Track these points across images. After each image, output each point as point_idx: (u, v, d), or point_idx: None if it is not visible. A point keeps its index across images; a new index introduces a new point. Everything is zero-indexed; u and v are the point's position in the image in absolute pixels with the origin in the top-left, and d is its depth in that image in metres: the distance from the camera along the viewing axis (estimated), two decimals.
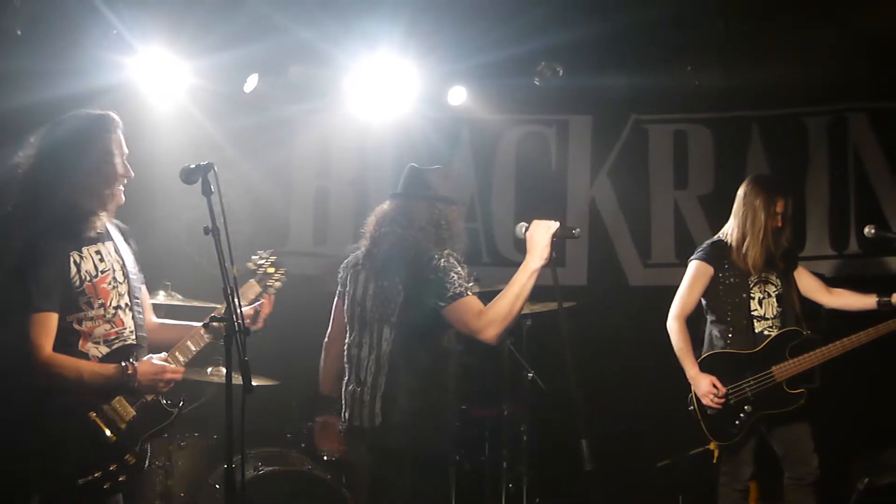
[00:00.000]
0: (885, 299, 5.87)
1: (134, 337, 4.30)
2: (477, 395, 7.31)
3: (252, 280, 4.69)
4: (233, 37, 6.86)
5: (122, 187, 4.27)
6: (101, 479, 4.05)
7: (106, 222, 4.31)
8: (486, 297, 4.66)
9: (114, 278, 4.24)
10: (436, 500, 4.97)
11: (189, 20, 6.77)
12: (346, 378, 4.92)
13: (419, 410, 4.68)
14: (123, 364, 4.13)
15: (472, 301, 4.58)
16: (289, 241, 8.34)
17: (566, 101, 8.37)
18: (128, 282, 4.32)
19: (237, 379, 3.78)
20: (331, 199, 8.41)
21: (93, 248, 4.21)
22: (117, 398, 4.13)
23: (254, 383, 3.78)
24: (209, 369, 6.19)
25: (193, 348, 4.37)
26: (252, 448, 6.12)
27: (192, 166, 3.93)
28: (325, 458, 6.13)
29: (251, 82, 7.38)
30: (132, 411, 4.16)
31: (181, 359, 4.33)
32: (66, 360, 4.05)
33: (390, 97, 7.66)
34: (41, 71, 6.45)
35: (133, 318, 4.32)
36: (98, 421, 4.06)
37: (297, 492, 5.98)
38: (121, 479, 4.11)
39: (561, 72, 7.75)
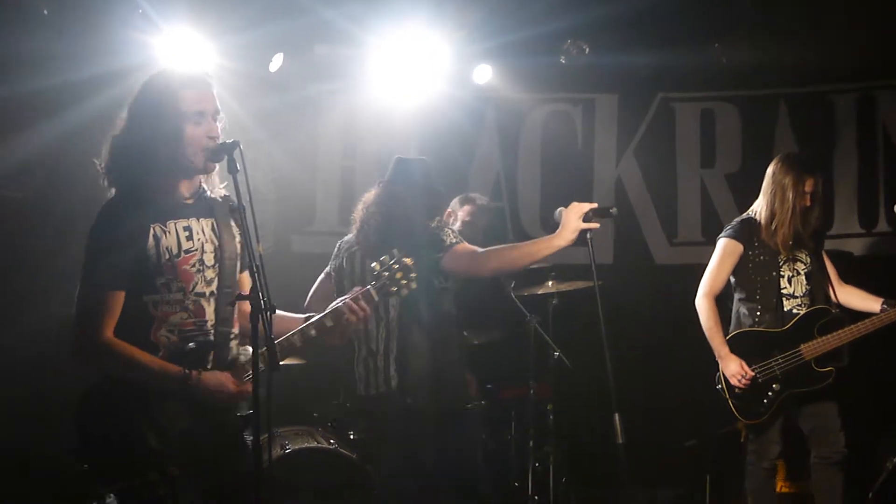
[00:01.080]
0: (889, 306, 5.79)
1: (214, 332, 3.86)
2: (503, 374, 7.31)
3: (370, 287, 4.09)
4: (257, 16, 6.86)
5: (213, 148, 3.79)
6: (139, 488, 3.65)
7: (208, 192, 3.93)
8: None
9: (200, 261, 3.83)
10: (462, 448, 5.08)
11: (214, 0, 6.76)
12: (356, 354, 5.14)
13: (430, 367, 4.97)
14: (187, 371, 3.71)
15: (466, 246, 4.88)
16: (315, 220, 8.34)
17: (592, 79, 8.34)
18: (220, 268, 3.88)
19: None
20: (356, 178, 8.38)
21: (181, 223, 3.81)
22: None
23: (280, 362, 3.74)
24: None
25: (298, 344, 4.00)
26: (279, 427, 6.11)
27: (218, 144, 3.84)
28: (352, 436, 6.18)
29: (276, 62, 7.36)
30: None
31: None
32: (126, 351, 3.70)
33: (415, 76, 7.65)
34: (68, 51, 6.46)
35: (218, 309, 3.87)
36: (145, 430, 3.70)
37: (323, 469, 5.97)
38: (160, 491, 3.66)
39: (587, 50, 7.72)
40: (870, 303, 5.90)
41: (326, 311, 4.04)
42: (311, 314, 4.11)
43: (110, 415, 3.73)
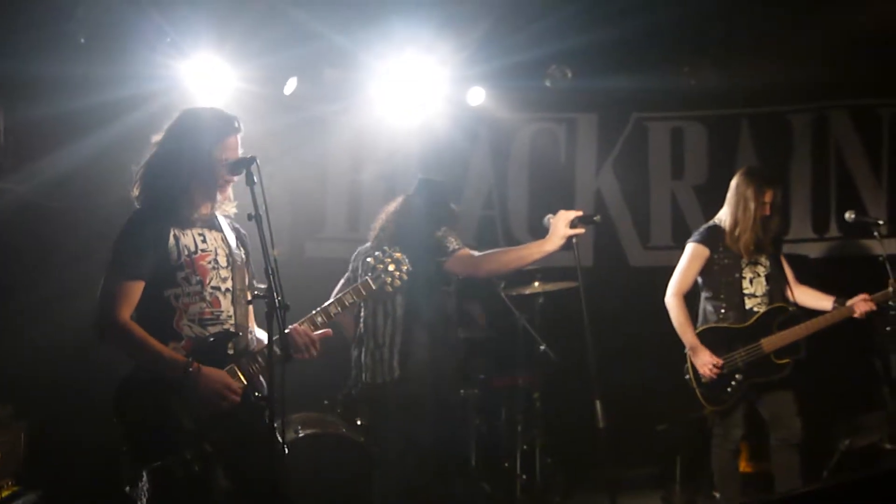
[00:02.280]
0: (839, 304, 5.80)
1: (233, 323, 3.98)
2: (494, 366, 7.32)
3: (367, 277, 4.32)
4: (273, 43, 6.86)
5: (229, 185, 4.06)
6: (175, 466, 3.72)
7: (218, 215, 4.11)
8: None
9: (215, 260, 3.98)
10: (456, 430, 5.13)
11: (235, 28, 6.75)
12: (365, 345, 5.21)
13: (431, 361, 5.03)
14: (191, 360, 3.79)
15: (467, 251, 4.97)
16: (326, 227, 8.32)
17: (574, 100, 8.35)
18: (233, 271, 4.03)
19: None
20: (363, 189, 8.38)
21: (196, 230, 3.98)
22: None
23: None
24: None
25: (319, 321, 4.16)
26: (292, 413, 6.10)
27: (237, 160, 3.90)
28: (360, 422, 6.17)
29: (290, 85, 7.35)
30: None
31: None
32: (137, 332, 3.79)
33: (415, 98, 7.63)
34: (101, 75, 6.45)
35: (234, 304, 4.00)
36: (177, 409, 3.77)
37: (333, 453, 5.95)
38: (196, 467, 3.75)
39: (569, 74, 7.73)
40: (822, 301, 5.91)
41: (330, 301, 4.24)
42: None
43: (146, 398, 3.79)
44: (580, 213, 4.54)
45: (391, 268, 4.29)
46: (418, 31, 7.08)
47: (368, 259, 4.31)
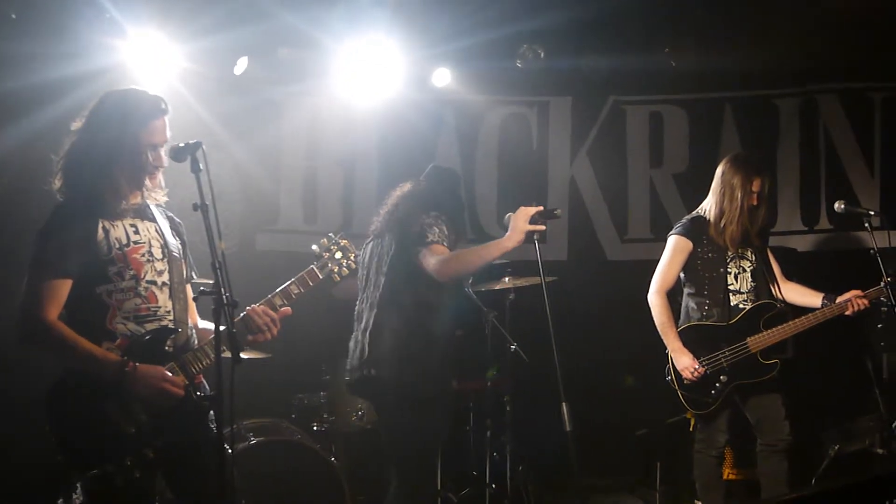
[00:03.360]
0: (829, 302, 5.81)
1: (172, 318, 3.95)
2: (461, 368, 7.27)
3: (313, 266, 4.29)
4: (223, 20, 6.77)
5: (158, 172, 4.02)
6: (113, 473, 3.69)
7: (150, 204, 4.06)
8: None
9: (149, 252, 3.94)
10: (424, 438, 5.09)
11: (180, 4, 6.70)
12: (354, 332, 5.27)
13: (403, 349, 5.00)
14: (125, 359, 3.73)
15: (441, 248, 4.96)
16: (279, 219, 8.25)
17: (547, 83, 8.35)
18: (169, 263, 3.99)
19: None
20: (319, 178, 8.33)
21: (127, 221, 3.93)
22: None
23: (243, 356, 3.71)
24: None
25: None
26: (243, 419, 6.06)
27: (182, 145, 3.82)
28: (315, 428, 6.15)
29: (241, 65, 7.28)
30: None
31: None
32: (66, 333, 3.73)
33: (376, 79, 7.57)
34: (36, 54, 6.38)
35: (172, 298, 3.97)
36: (114, 413, 3.73)
37: (286, 461, 5.94)
38: (137, 474, 3.73)
39: (542, 54, 7.71)
40: (811, 298, 5.91)
41: (276, 291, 4.18)
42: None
43: (81, 403, 3.73)
44: (540, 209, 4.65)
45: (338, 255, 4.31)
46: (379, 7, 7.03)
47: (314, 247, 4.34)
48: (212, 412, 3.90)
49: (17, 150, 6.41)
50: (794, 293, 6.01)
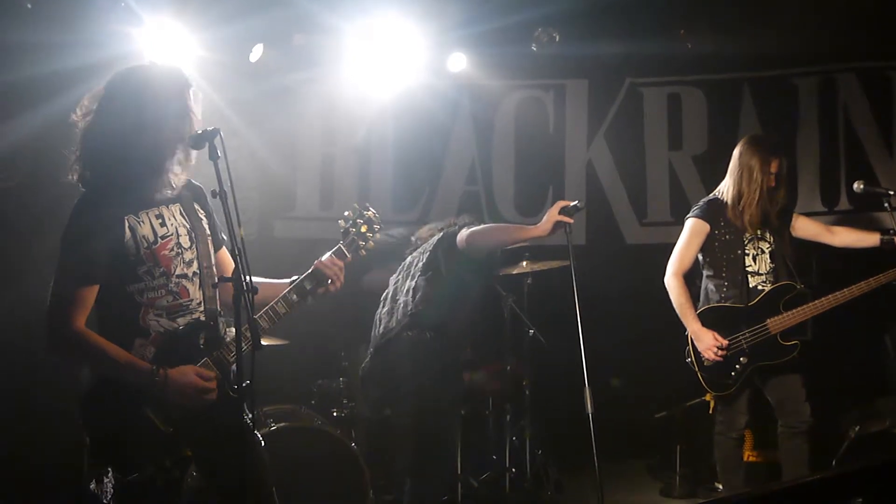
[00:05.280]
0: (888, 237, 5.77)
1: (203, 310, 3.89)
2: (480, 352, 7.30)
3: (341, 245, 4.26)
4: (238, 7, 6.81)
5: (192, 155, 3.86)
6: (154, 476, 3.66)
7: (173, 181, 3.86)
8: None
9: (177, 244, 3.84)
10: (451, 401, 5.36)
11: None
12: (384, 305, 5.64)
13: (446, 312, 5.38)
14: (156, 368, 3.66)
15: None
16: (296, 206, 8.29)
17: (563, 66, 8.34)
18: (196, 248, 3.90)
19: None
20: (336, 164, 8.36)
21: (153, 212, 3.81)
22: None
23: (263, 342, 3.73)
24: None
25: (280, 311, 4.05)
26: (264, 405, 6.10)
27: (199, 132, 3.78)
28: (335, 414, 6.18)
29: (256, 52, 7.30)
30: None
31: (264, 325, 3.97)
32: (95, 340, 3.66)
33: (391, 65, 7.59)
34: (51, 42, 6.38)
35: (202, 288, 3.89)
36: (152, 416, 3.68)
37: (306, 446, 5.96)
38: (176, 474, 3.72)
39: (557, 38, 7.69)
40: (868, 237, 5.88)
41: (305, 274, 4.16)
42: (295, 277, 4.17)
43: (119, 406, 3.69)
44: (570, 203, 4.80)
45: (363, 228, 4.32)
46: None
47: (339, 221, 4.34)
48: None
49: (32, 140, 6.44)
50: (849, 236, 5.99)
